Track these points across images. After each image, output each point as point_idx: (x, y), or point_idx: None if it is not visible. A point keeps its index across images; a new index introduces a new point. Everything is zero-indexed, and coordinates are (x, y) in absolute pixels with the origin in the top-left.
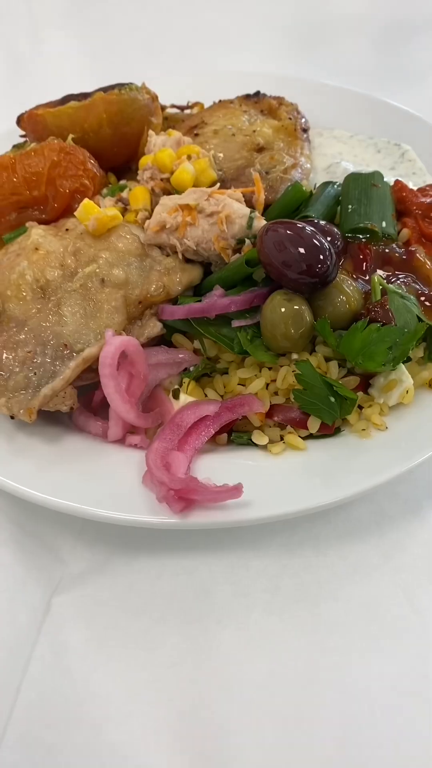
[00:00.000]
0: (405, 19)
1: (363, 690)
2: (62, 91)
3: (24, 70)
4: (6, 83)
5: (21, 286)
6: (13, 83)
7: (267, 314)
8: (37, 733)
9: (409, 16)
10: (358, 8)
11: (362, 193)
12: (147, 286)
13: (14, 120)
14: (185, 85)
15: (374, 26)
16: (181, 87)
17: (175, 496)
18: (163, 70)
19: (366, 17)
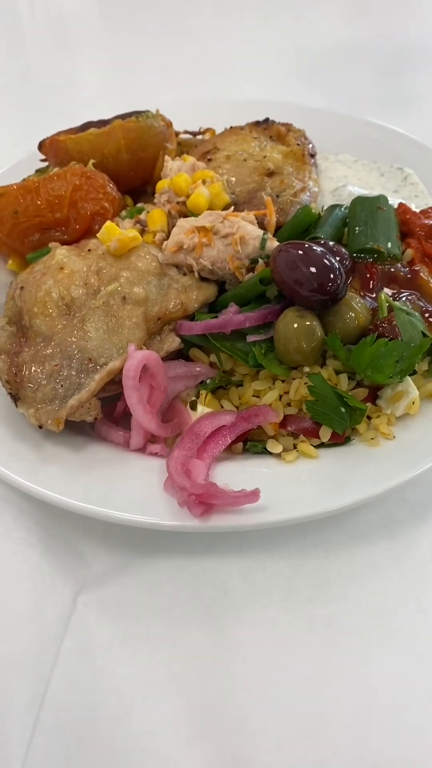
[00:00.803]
0: (405, 47)
1: (372, 684)
2: (80, 117)
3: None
4: (25, 110)
5: (47, 304)
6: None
7: (280, 329)
8: (67, 720)
9: (409, 45)
10: (359, 38)
11: (368, 216)
12: (166, 303)
13: (35, 145)
14: (197, 112)
15: (376, 55)
16: (194, 114)
17: (195, 501)
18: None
19: (367, 46)
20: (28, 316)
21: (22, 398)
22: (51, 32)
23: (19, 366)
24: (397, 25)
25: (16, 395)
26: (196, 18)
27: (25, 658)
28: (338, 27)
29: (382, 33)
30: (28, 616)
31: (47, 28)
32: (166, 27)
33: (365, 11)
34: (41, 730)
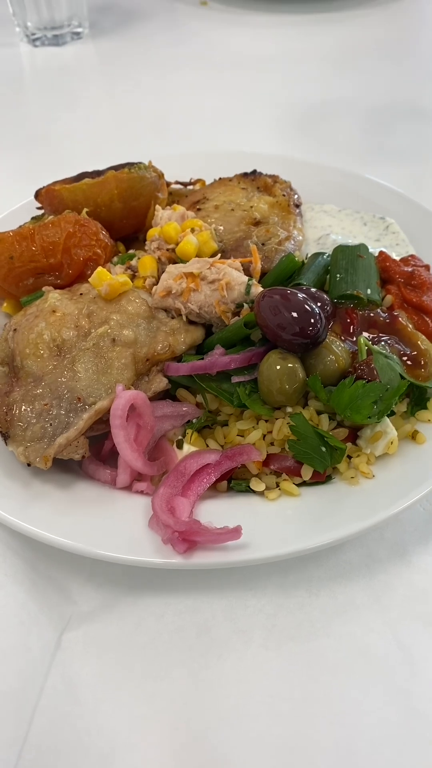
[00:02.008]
0: (389, 103)
1: (353, 720)
2: (76, 167)
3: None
4: (23, 157)
5: (39, 345)
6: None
7: (264, 371)
8: (50, 757)
9: (393, 102)
10: (346, 93)
11: (349, 264)
12: (154, 345)
13: (31, 193)
14: (189, 163)
15: (361, 110)
16: (185, 164)
17: (179, 538)
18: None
19: (354, 102)
20: (20, 357)
21: (11, 436)
22: (51, 84)
23: (9, 405)
24: (382, 82)
25: (6, 433)
26: (189, 73)
27: (9, 694)
28: (326, 83)
29: (368, 89)
30: (12, 651)
31: (48, 80)
32: (161, 81)
33: (353, 68)
34: (23, 766)
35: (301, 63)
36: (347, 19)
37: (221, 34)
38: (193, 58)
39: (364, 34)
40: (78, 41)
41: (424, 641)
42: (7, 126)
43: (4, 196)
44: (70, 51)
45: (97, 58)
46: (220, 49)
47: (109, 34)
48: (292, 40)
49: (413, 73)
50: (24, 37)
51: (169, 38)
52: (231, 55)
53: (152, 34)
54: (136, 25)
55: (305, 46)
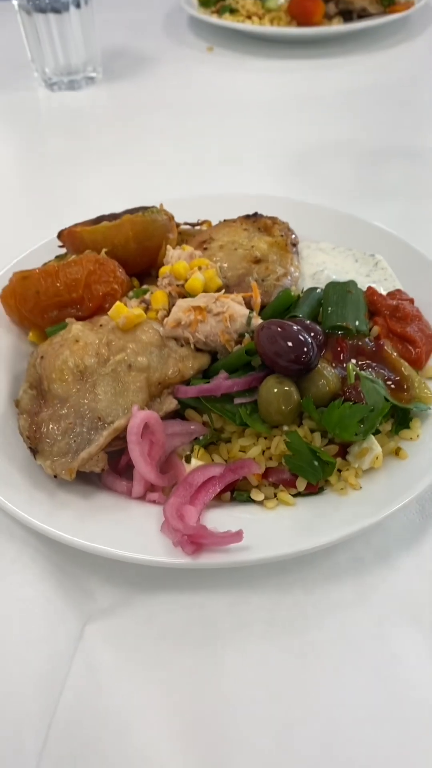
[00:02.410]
0: (383, 146)
1: (342, 703)
2: (91, 207)
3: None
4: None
5: (64, 371)
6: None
7: (263, 393)
8: (75, 729)
9: (387, 144)
10: (343, 136)
11: (339, 298)
12: (165, 370)
13: (50, 230)
14: (197, 205)
15: (357, 152)
16: (193, 207)
17: (187, 541)
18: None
19: (350, 144)
20: (47, 381)
21: (40, 452)
22: (67, 126)
23: (38, 424)
24: (377, 125)
25: (35, 449)
26: (196, 116)
27: (40, 675)
28: (324, 126)
29: (363, 132)
30: (42, 640)
31: (64, 123)
32: (170, 123)
33: (350, 111)
34: (53, 736)
35: (301, 106)
36: (345, 65)
37: (225, 79)
38: (199, 102)
39: (361, 80)
40: (92, 85)
41: (403, 634)
42: (27, 167)
43: (27, 231)
44: (85, 95)
45: (110, 101)
46: (224, 93)
47: (121, 79)
48: (292, 84)
49: (407, 117)
50: (42, 82)
51: (177, 82)
52: (234, 99)
53: (161, 78)
54: (146, 69)
55: (304, 90)
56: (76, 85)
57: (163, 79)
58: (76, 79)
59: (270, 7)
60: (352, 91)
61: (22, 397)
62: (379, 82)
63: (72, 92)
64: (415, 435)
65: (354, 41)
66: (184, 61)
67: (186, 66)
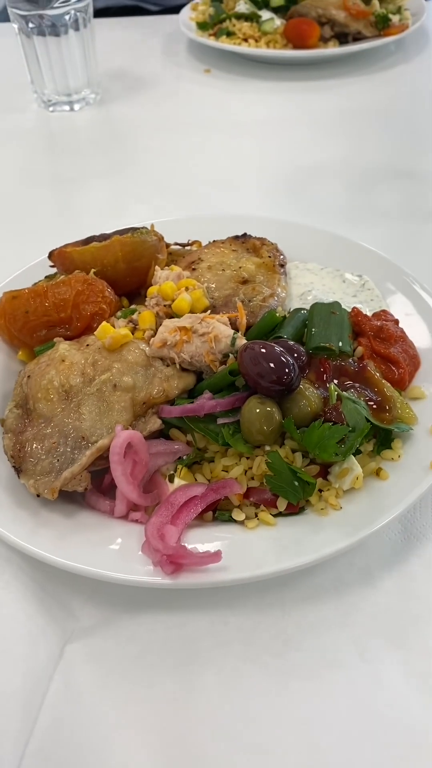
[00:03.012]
0: (374, 166)
1: (320, 723)
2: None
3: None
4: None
5: (49, 390)
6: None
7: (245, 414)
8: (52, 750)
9: (378, 165)
10: (334, 157)
11: (323, 319)
12: (150, 390)
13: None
14: (187, 226)
15: (348, 172)
16: (184, 227)
17: (167, 561)
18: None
19: (341, 165)
20: (32, 400)
21: (24, 470)
22: (65, 147)
23: (22, 443)
24: (369, 146)
25: (19, 468)
26: (191, 137)
27: (18, 693)
28: (316, 147)
29: (355, 153)
30: (22, 657)
31: (62, 143)
32: (165, 144)
33: (341, 133)
34: (29, 755)
35: (293, 127)
36: (340, 86)
37: (222, 100)
38: (195, 123)
39: (356, 101)
40: (90, 106)
41: (384, 656)
42: (23, 185)
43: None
44: (84, 116)
45: (107, 122)
46: (219, 114)
47: (119, 100)
48: (285, 105)
49: (401, 139)
50: (41, 103)
51: (174, 104)
52: (229, 120)
53: (159, 99)
54: (144, 91)
55: (299, 111)
56: (75, 105)
57: (160, 100)
58: (74, 101)
59: (266, 30)
60: (347, 112)
61: (7, 416)
62: (374, 104)
63: (70, 113)
64: (397, 455)
65: (349, 63)
66: (181, 83)
67: (183, 87)
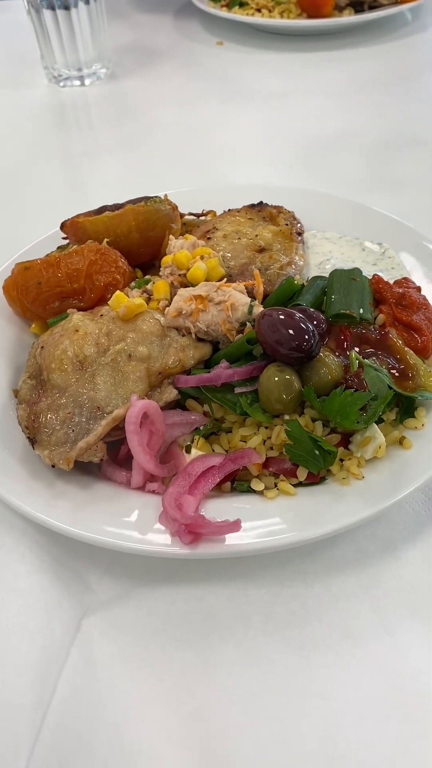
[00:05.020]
0: (392, 136)
1: (342, 697)
2: (98, 197)
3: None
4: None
5: (63, 361)
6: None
7: (263, 383)
8: (70, 723)
9: (396, 134)
10: (351, 127)
11: (343, 286)
12: (166, 360)
13: (55, 222)
14: (202, 195)
15: (365, 142)
16: (198, 197)
17: (185, 530)
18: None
19: (358, 134)
20: (46, 371)
21: (38, 441)
22: (75, 121)
23: (37, 414)
24: (386, 115)
25: (34, 439)
26: (204, 110)
27: (35, 666)
28: (333, 117)
29: (372, 122)
30: (38, 631)
31: (72, 118)
32: (178, 117)
33: (358, 102)
34: (47, 728)
35: (309, 98)
36: (356, 56)
37: (235, 72)
38: (208, 96)
39: (368, 71)
40: (101, 81)
41: (409, 627)
42: (35, 160)
43: (32, 225)
44: (94, 90)
45: (118, 96)
46: (233, 87)
47: (130, 74)
48: (300, 76)
49: (416, 106)
50: (52, 78)
51: (186, 77)
52: (243, 92)
53: (170, 72)
54: (155, 64)
55: (312, 82)
56: (85, 80)
57: (172, 73)
58: (85, 75)
59: (280, 0)
60: (364, 82)
61: (21, 386)
62: (390, 73)
63: (81, 87)
64: (420, 424)
65: (365, 32)
66: (193, 56)
67: (195, 60)
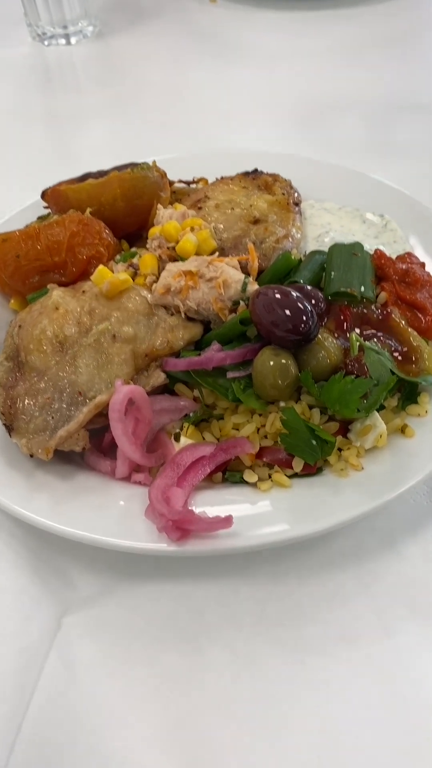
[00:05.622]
0: (393, 99)
1: (338, 703)
2: (83, 164)
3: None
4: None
5: (42, 341)
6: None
7: (257, 367)
8: (47, 732)
9: (397, 98)
10: (351, 90)
11: (344, 261)
12: (153, 341)
13: (38, 193)
14: (193, 162)
15: (366, 106)
16: (189, 164)
17: (173, 526)
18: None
19: (358, 98)
20: (24, 352)
21: (15, 429)
22: (61, 82)
23: (14, 399)
24: (387, 78)
25: (10, 426)
26: (197, 71)
27: (9, 673)
28: (331, 79)
29: (372, 85)
30: (14, 633)
31: (57, 78)
32: (169, 78)
33: (358, 65)
34: (22, 739)
35: (307, 59)
36: (353, 16)
37: (229, 31)
38: (201, 56)
39: (369, 31)
40: (88, 39)
41: (410, 629)
42: (17, 124)
43: (11, 194)
44: (81, 50)
45: (106, 56)
46: (227, 47)
47: (118, 33)
48: (297, 36)
49: (417, 69)
50: (36, 36)
51: (177, 36)
52: (238, 53)
53: (161, 32)
54: (145, 23)
55: (311, 42)
56: (72, 39)
57: (163, 32)
58: (71, 33)
59: None
60: (364, 42)
61: None
62: (393, 33)
63: (66, 47)
64: (424, 411)
65: None
66: (185, 14)
67: (187, 19)
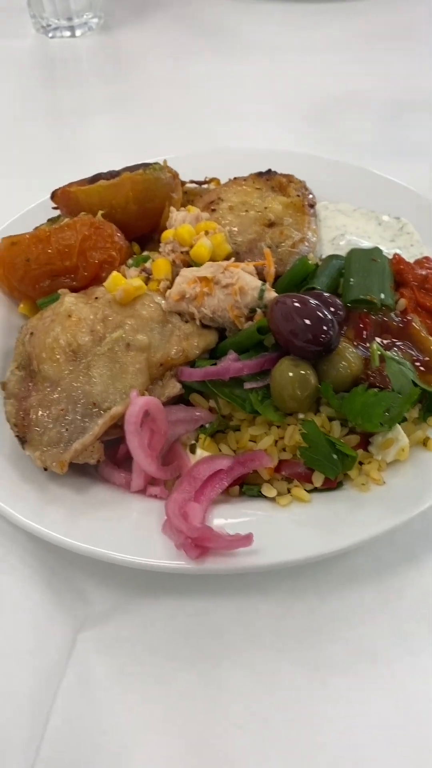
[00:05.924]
0: (404, 95)
1: (360, 723)
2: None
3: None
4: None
5: (55, 350)
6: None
7: (276, 377)
8: (65, 756)
9: (408, 93)
10: (359, 85)
11: (363, 267)
12: (168, 350)
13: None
14: (204, 162)
15: (375, 102)
16: (200, 163)
17: (191, 544)
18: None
19: (367, 94)
20: (36, 361)
21: (29, 441)
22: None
23: (26, 410)
24: (396, 73)
25: (24, 438)
26: (202, 64)
27: (26, 692)
28: (339, 74)
29: (381, 80)
30: (29, 651)
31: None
32: (175, 72)
33: (365, 59)
34: (41, 761)
35: (314, 53)
36: (359, 8)
37: (234, 25)
38: (206, 49)
39: (376, 24)
40: (93, 32)
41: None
42: (21, 119)
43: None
44: (86, 42)
45: (111, 49)
46: (233, 40)
47: (123, 25)
48: (304, 29)
49: (427, 63)
50: (40, 28)
51: (183, 29)
52: (245, 47)
53: (167, 24)
54: (151, 15)
55: (318, 35)
56: (76, 31)
57: (169, 24)
58: (76, 25)
59: None
60: (376, 36)
61: (9, 378)
62: (406, 27)
63: (71, 39)
64: None
65: None
66: (191, 6)
67: (194, 11)
